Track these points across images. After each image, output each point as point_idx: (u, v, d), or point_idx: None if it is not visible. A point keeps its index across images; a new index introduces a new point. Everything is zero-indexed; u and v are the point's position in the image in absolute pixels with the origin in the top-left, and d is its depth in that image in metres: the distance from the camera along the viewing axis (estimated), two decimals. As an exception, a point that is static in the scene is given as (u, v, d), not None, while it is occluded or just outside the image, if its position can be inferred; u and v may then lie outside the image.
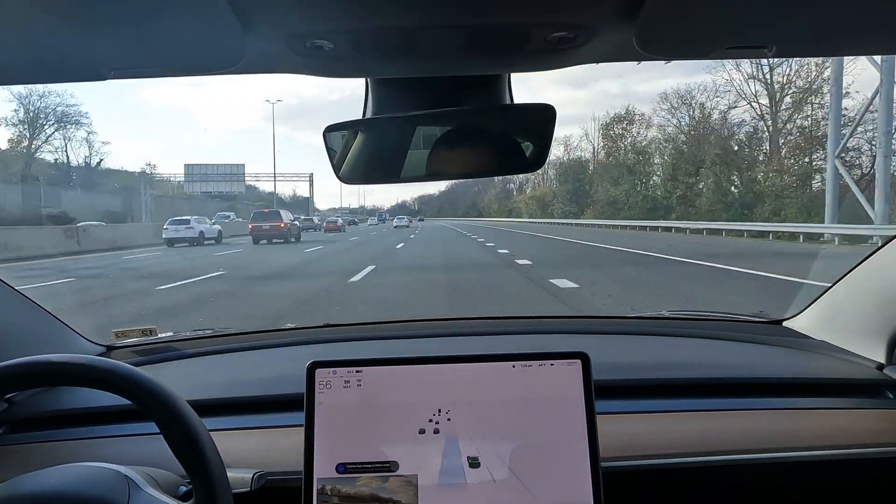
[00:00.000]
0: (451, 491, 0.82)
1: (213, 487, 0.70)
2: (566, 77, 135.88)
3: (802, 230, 20.88)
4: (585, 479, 0.82)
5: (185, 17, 0.60)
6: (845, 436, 1.01)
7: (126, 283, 11.41)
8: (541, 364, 0.86)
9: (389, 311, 7.08)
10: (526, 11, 0.63)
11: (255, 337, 1.47)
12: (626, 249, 16.79)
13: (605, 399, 1.02)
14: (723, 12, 0.62)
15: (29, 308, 1.22)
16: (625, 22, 0.63)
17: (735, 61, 32.02)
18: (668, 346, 1.38)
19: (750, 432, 1.01)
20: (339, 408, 0.84)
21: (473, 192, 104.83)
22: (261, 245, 23.58)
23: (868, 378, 1.14)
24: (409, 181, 0.93)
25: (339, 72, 0.79)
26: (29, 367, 0.71)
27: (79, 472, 0.73)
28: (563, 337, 1.49)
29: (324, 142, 0.91)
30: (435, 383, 0.85)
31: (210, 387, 1.17)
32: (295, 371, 0.89)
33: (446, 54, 0.74)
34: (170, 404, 0.71)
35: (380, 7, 0.61)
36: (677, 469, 0.97)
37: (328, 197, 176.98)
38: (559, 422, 0.84)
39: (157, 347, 1.40)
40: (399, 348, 1.41)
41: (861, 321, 1.22)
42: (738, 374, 1.17)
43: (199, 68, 0.76)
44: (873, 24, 0.66)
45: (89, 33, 0.63)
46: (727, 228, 25.65)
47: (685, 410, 1.06)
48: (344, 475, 0.82)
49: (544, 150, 0.91)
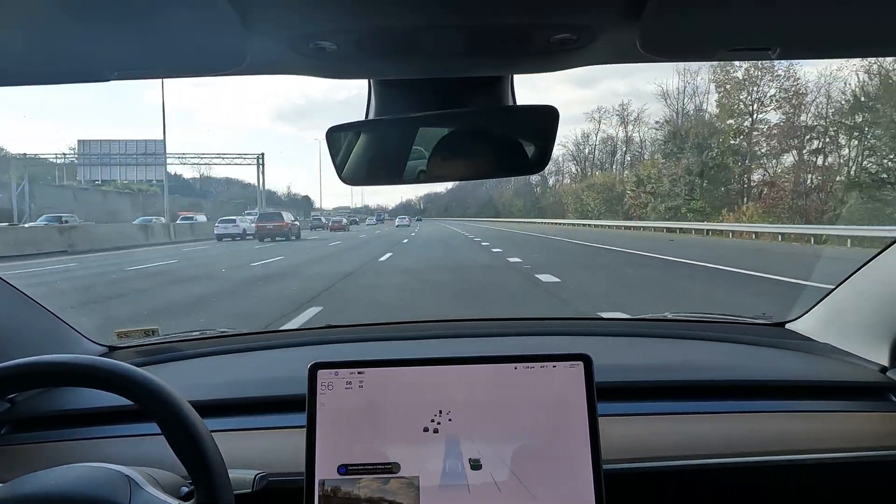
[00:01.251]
0: (453, 493, 0.81)
1: (214, 488, 0.70)
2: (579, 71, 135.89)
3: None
4: (587, 481, 0.82)
5: (188, 19, 0.60)
6: (848, 439, 1.01)
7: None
8: (543, 366, 0.86)
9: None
10: (529, 13, 0.63)
11: (257, 338, 1.47)
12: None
13: (607, 401, 1.01)
14: (726, 14, 0.62)
15: (31, 308, 1.22)
16: (628, 24, 0.63)
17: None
18: (670, 347, 1.38)
19: (752, 435, 1.01)
20: (340, 409, 0.84)
21: (484, 189, 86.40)
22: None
23: (871, 381, 1.14)
24: (411, 182, 0.93)
25: (341, 73, 0.79)
26: (31, 367, 0.72)
27: (80, 473, 0.73)
28: (566, 338, 1.49)
29: (326, 142, 0.91)
30: (437, 385, 0.85)
31: (212, 387, 1.17)
32: (297, 372, 0.89)
33: (449, 56, 0.74)
34: (172, 405, 0.71)
35: (383, 8, 0.61)
36: (680, 471, 0.97)
37: (334, 196, 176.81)
38: (561, 424, 0.84)
39: (159, 348, 1.40)
40: (401, 350, 1.41)
41: (864, 324, 1.22)
42: (741, 376, 1.17)
43: (202, 69, 0.77)
44: (878, 27, 0.66)
45: (93, 35, 0.63)
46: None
47: (688, 413, 1.06)
48: (345, 476, 0.82)
49: (547, 151, 0.91)
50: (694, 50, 0.73)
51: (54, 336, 1.25)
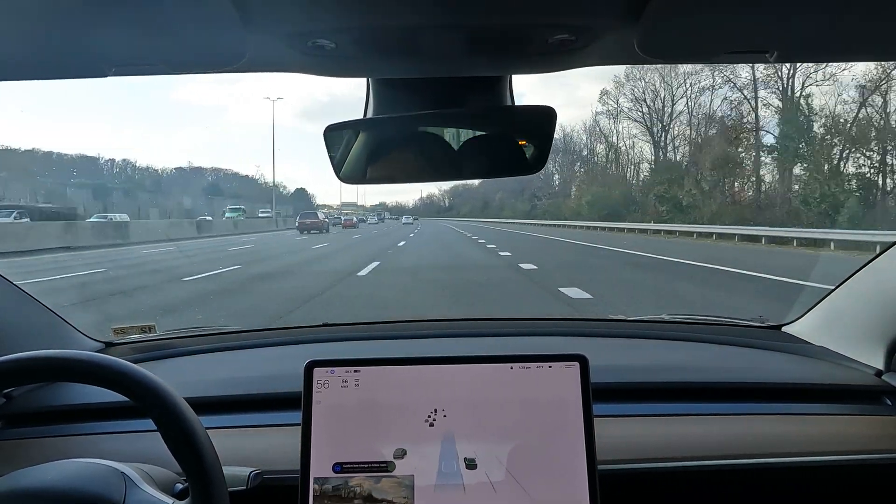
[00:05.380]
0: (448, 492, 0.81)
1: (209, 485, 0.70)
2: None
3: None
4: (582, 481, 0.82)
5: (186, 15, 0.60)
6: (842, 442, 1.01)
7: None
8: (539, 366, 0.86)
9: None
10: (528, 13, 0.63)
11: (254, 335, 1.47)
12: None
13: (603, 402, 1.02)
14: (724, 17, 0.62)
15: (28, 304, 1.22)
16: (626, 25, 0.63)
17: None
18: (666, 349, 1.38)
19: (747, 437, 1.01)
20: (336, 407, 0.84)
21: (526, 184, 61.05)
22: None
23: (866, 384, 1.14)
24: (408, 181, 0.94)
25: (340, 71, 0.79)
26: (27, 362, 0.71)
27: (76, 469, 0.73)
28: (562, 339, 1.49)
29: (324, 141, 0.91)
30: (433, 384, 0.85)
31: (208, 384, 1.17)
32: (293, 370, 0.89)
33: (448, 55, 0.74)
34: (167, 401, 0.71)
35: (382, 7, 0.61)
36: (674, 473, 0.97)
37: (346, 194, 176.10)
38: (557, 424, 0.84)
39: (155, 344, 1.40)
40: (397, 348, 1.41)
41: (860, 327, 1.22)
42: (737, 378, 1.17)
43: (200, 66, 0.76)
44: (874, 30, 0.66)
45: (91, 30, 0.63)
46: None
47: (683, 414, 1.06)
48: (340, 475, 0.82)
49: (545, 151, 0.91)
50: (692, 52, 0.73)
51: (50, 332, 1.25)
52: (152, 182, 55.20)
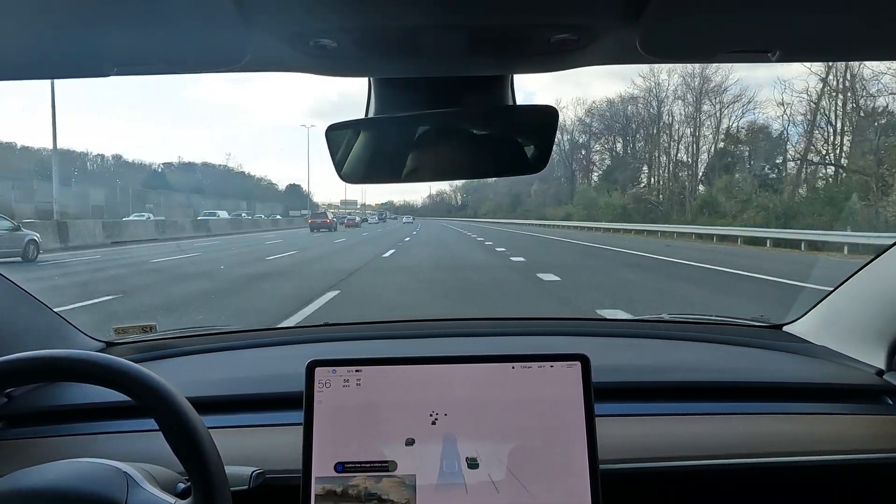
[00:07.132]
0: (450, 492, 0.81)
1: (211, 485, 0.70)
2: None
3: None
4: (584, 481, 0.82)
5: (188, 14, 0.60)
6: (843, 441, 1.01)
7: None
8: (540, 365, 0.86)
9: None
10: (529, 13, 0.63)
11: (255, 335, 1.47)
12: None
13: (604, 401, 1.01)
14: (726, 16, 0.62)
15: (29, 304, 1.22)
16: (628, 25, 0.63)
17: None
18: (668, 349, 1.38)
19: (749, 436, 1.01)
20: (338, 407, 0.84)
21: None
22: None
23: (867, 384, 1.14)
24: (409, 181, 0.93)
25: (342, 71, 0.79)
26: (28, 362, 0.71)
27: (77, 468, 0.73)
28: (563, 339, 1.49)
29: (326, 140, 0.91)
30: (434, 384, 0.85)
31: (209, 384, 1.17)
32: (294, 369, 0.89)
33: (449, 54, 0.74)
34: (169, 401, 0.71)
35: (384, 7, 0.61)
36: (676, 472, 0.97)
37: (348, 193, 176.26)
38: (558, 424, 0.84)
39: (156, 344, 1.40)
40: (399, 348, 1.41)
41: (861, 327, 1.22)
42: (738, 377, 1.17)
43: (201, 65, 0.76)
44: (876, 30, 0.66)
45: (92, 29, 0.63)
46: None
47: (684, 414, 1.06)
48: (342, 474, 0.82)
49: (546, 151, 0.91)
50: (693, 51, 0.73)
51: (51, 331, 1.25)
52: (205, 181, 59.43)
